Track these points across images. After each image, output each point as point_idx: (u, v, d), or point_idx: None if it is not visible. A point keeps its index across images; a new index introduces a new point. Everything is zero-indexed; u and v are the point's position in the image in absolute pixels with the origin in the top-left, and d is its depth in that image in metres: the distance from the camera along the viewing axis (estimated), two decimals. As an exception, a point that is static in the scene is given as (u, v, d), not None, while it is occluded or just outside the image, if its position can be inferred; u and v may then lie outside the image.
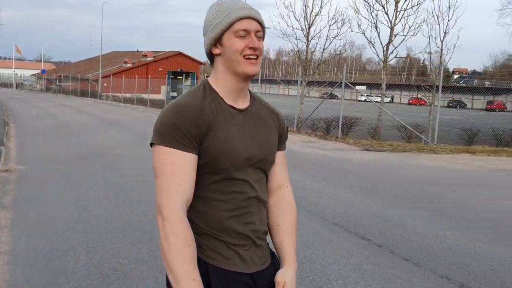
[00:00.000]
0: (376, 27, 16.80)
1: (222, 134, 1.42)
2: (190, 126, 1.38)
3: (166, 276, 1.36)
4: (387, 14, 16.64)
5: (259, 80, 25.02)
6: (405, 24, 16.65)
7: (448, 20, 15.62)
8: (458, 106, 54.23)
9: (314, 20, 18.64)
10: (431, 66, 20.06)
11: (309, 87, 21.37)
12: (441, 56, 15.99)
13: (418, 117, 18.31)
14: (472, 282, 3.88)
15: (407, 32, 16.48)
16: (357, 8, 32.37)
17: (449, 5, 15.88)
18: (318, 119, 16.72)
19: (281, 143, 1.64)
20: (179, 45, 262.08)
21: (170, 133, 1.37)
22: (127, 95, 39.97)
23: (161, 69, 51.00)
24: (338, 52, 20.46)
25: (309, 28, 18.77)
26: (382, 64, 17.80)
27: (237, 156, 1.43)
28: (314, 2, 18.84)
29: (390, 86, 49.50)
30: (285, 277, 1.50)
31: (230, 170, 1.43)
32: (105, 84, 46.56)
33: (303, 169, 9.01)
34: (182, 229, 1.32)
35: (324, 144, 14.05)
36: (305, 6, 18.68)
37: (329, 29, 18.54)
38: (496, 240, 5.08)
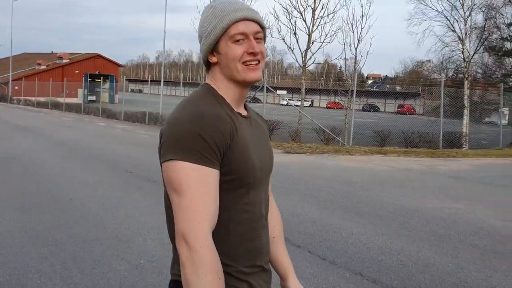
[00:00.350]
0: (295, 34, 17.31)
1: (243, 145, 1.27)
2: (217, 138, 1.20)
3: None
4: (305, 21, 17.21)
5: (181, 83, 24.73)
6: (321, 31, 17.29)
7: (362, 28, 16.50)
8: (372, 110, 57.11)
9: (235, 24, 18.78)
10: (347, 72, 20.97)
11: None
12: (355, 62, 16.83)
13: (335, 120, 19.08)
14: (384, 277, 4.10)
15: (324, 39, 17.14)
16: (276, 15, 33.03)
17: (362, 14, 16.79)
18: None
19: None
20: (97, 47, 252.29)
21: (195, 147, 1.18)
22: (41, 99, 37.89)
23: (77, 71, 48.86)
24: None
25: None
26: (301, 69, 18.36)
27: (256, 167, 1.31)
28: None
29: (310, 91, 51.16)
30: (299, 286, 1.56)
31: (251, 185, 1.30)
32: (16, 87, 43.73)
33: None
34: (213, 260, 1.16)
35: (246, 147, 14.17)
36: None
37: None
38: (405, 235, 5.41)
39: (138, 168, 9.28)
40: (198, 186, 1.18)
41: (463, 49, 19.48)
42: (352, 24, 16.81)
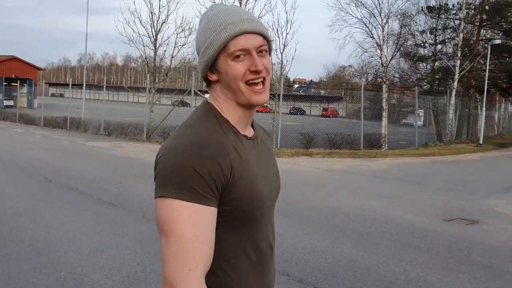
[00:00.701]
0: (222, 37, 17.33)
1: (249, 176, 1.14)
2: (214, 172, 1.05)
3: None
4: (232, 25, 17.29)
5: (105, 87, 23.94)
6: (248, 36, 17.39)
7: (286, 34, 16.83)
8: (298, 113, 58.58)
9: (161, 27, 18.52)
10: (274, 76, 21.34)
11: (160, 94, 21.17)
12: (281, 67, 17.15)
13: (264, 123, 19.29)
14: (310, 276, 4.21)
15: (251, 43, 17.29)
16: (204, 18, 32.87)
17: (286, 20, 17.12)
18: (170, 127, 16.61)
19: None
20: (14, 49, 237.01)
21: (189, 182, 1.04)
22: None
23: (-9, 74, 45.62)
24: (187, 60, 20.62)
25: (157, 35, 18.57)
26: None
27: (265, 199, 1.18)
28: (160, 10, 18.68)
29: (238, 94, 51.53)
30: None
31: (259, 218, 1.18)
32: None
33: (151, 180, 8.83)
34: None
35: (174, 152, 13.98)
36: (151, 13, 18.45)
37: (176, 37, 18.59)
38: (330, 234, 5.60)
39: (58, 176, 8.83)
40: (190, 228, 1.03)
41: (381, 54, 20.52)
42: (277, 29, 17.09)
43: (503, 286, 4.23)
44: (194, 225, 1.03)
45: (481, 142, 19.39)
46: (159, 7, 18.46)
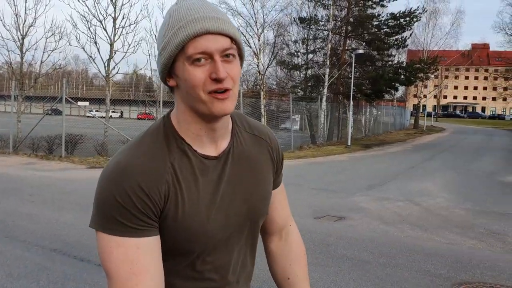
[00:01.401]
0: (95, 43, 16.63)
1: (188, 207, 1.00)
2: (138, 199, 0.94)
3: None
4: (105, 30, 16.68)
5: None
6: (124, 41, 16.99)
7: (165, 40, 16.71)
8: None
9: (28, 31, 17.24)
10: (155, 83, 21.01)
11: (29, 102, 19.66)
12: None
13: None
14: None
15: (127, 49, 16.87)
16: (74, 22, 31.31)
17: (164, 26, 17.03)
18: (39, 137, 15.46)
19: (278, 175, 1.25)
20: None
21: (113, 214, 0.93)
22: None
23: None
24: (58, 66, 19.40)
25: (23, 39, 17.24)
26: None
27: (210, 232, 1.03)
28: (27, 12, 17.38)
29: (119, 102, 49.71)
30: None
31: (201, 253, 1.04)
32: None
33: (20, 194, 8.17)
34: None
35: (46, 164, 13.06)
36: (17, 15, 17.08)
37: (46, 41, 17.45)
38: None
39: None
40: (126, 265, 0.92)
41: (258, 63, 21.33)
42: (155, 35, 16.88)
43: (364, 275, 4.67)
44: (130, 262, 0.93)
45: (349, 143, 21.07)
46: (26, 9, 17.18)
